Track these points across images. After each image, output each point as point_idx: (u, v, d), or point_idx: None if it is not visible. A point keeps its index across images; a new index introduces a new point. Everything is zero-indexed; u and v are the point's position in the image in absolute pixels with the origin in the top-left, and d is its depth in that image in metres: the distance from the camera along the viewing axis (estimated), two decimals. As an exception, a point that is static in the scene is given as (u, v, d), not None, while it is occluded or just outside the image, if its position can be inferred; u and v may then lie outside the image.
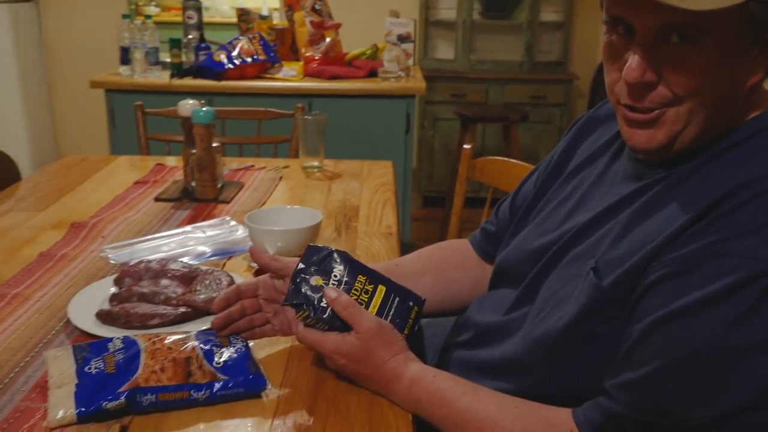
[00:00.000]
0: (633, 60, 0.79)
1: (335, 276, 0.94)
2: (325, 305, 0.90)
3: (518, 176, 1.70)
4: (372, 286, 0.95)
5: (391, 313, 0.94)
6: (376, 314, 0.93)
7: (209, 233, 1.46)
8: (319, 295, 0.91)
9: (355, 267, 0.96)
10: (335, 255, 0.96)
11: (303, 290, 0.91)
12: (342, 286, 0.93)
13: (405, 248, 3.08)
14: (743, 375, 0.70)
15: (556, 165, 1.10)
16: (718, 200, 0.74)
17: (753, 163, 0.77)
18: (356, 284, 0.94)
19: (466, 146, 1.85)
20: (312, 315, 0.90)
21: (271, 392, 0.90)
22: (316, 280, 0.93)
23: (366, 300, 0.93)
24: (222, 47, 2.84)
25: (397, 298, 0.96)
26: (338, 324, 0.90)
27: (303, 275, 0.93)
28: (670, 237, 0.77)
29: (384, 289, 0.96)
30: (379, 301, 0.94)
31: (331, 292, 0.90)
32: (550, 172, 1.10)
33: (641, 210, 0.84)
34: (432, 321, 1.36)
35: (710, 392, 0.72)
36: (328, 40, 2.98)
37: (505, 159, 1.78)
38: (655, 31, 0.77)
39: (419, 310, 0.98)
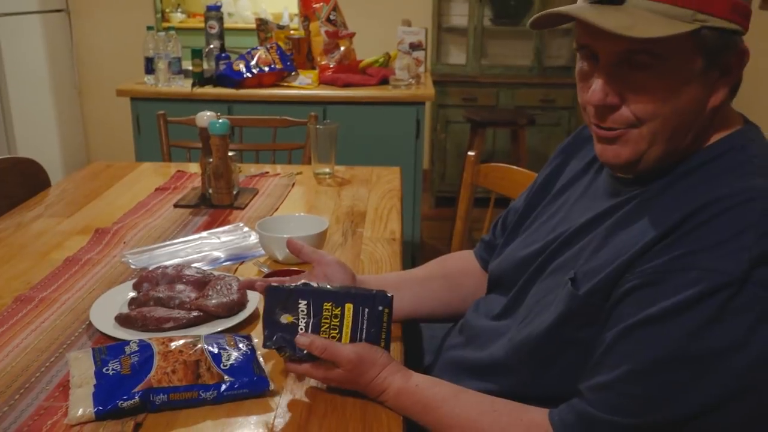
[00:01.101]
0: (596, 84, 0.87)
1: (302, 310, 0.98)
2: None
3: (519, 181, 1.78)
4: (339, 309, 0.99)
5: (364, 326, 0.98)
6: (351, 332, 0.97)
7: (223, 239, 1.54)
8: (294, 334, 0.97)
9: (318, 296, 0.99)
10: (296, 291, 0.99)
11: (278, 333, 0.97)
12: (312, 318, 0.97)
13: (416, 247, 3.17)
14: (704, 380, 0.76)
15: (545, 181, 1.16)
16: (685, 217, 0.80)
17: (719, 182, 0.83)
18: (324, 312, 0.98)
19: (470, 153, 1.91)
20: (294, 354, 0.96)
21: (274, 393, 0.97)
22: (286, 318, 0.98)
23: (338, 324, 0.98)
24: (241, 57, 2.93)
25: (366, 309, 0.99)
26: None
27: (272, 317, 0.98)
28: (642, 250, 0.83)
29: (351, 306, 0.99)
30: (350, 319, 0.98)
31: (303, 339, 0.95)
32: (539, 188, 1.16)
33: (617, 224, 0.90)
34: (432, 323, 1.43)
35: (674, 395, 0.77)
36: (342, 49, 3.05)
37: (507, 165, 1.85)
38: (615, 57, 0.85)
39: (389, 310, 1.00)
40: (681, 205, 0.82)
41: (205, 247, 1.50)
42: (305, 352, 0.96)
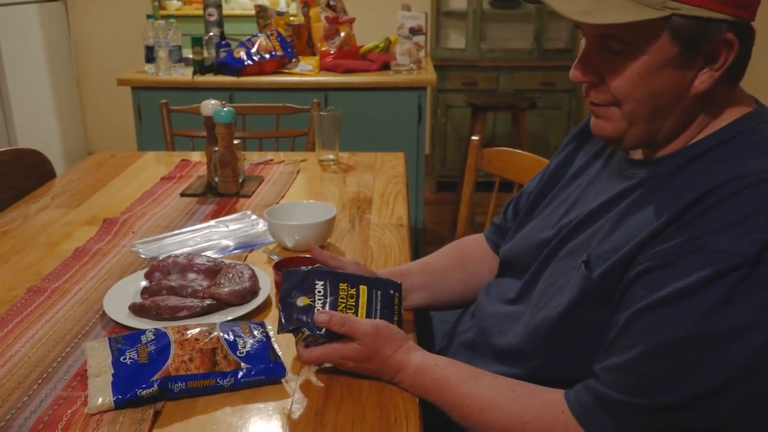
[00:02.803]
0: (576, 62, 0.91)
1: (319, 291, 1.00)
2: None
3: (523, 166, 1.78)
4: (354, 289, 1.02)
5: (378, 307, 1.02)
6: (366, 311, 1.00)
7: (232, 227, 1.55)
8: (310, 314, 0.97)
9: (334, 278, 1.02)
10: (312, 272, 1.02)
11: (294, 315, 0.97)
12: (328, 298, 0.99)
13: (419, 232, 3.17)
14: (716, 360, 0.77)
15: (559, 166, 1.16)
16: (696, 199, 0.81)
17: (730, 165, 0.83)
18: (340, 293, 1.01)
19: (474, 138, 1.91)
20: (311, 334, 0.96)
21: (290, 378, 0.98)
22: (302, 300, 0.98)
23: (354, 304, 1.00)
24: (241, 44, 2.92)
25: (379, 292, 1.03)
26: (336, 335, 0.96)
27: (288, 300, 0.99)
28: (654, 233, 0.83)
29: (365, 288, 1.03)
30: (365, 300, 1.01)
31: (322, 316, 0.96)
32: (553, 173, 1.17)
33: (629, 207, 0.91)
34: (441, 308, 1.44)
35: (687, 375, 0.78)
36: (342, 34, 3.04)
37: (511, 150, 1.86)
38: (593, 39, 0.88)
39: (399, 294, 1.06)
40: (692, 188, 0.82)
41: (213, 236, 1.50)
42: (322, 331, 0.96)
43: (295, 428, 0.88)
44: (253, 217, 1.60)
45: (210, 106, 1.76)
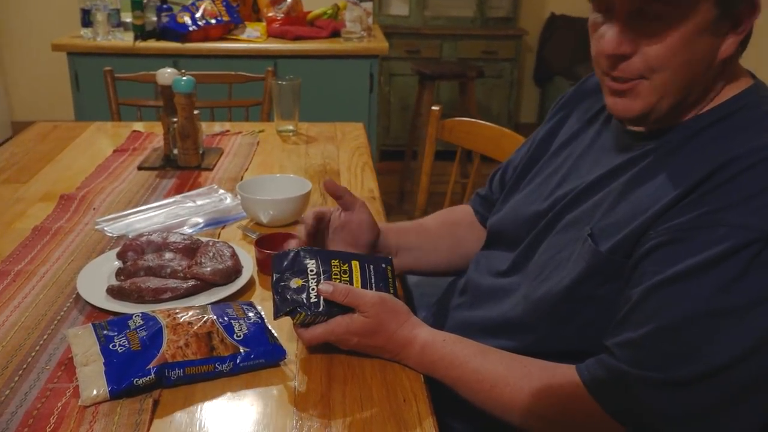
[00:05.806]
0: (611, 32, 0.86)
1: (312, 271, 0.96)
2: (316, 299, 0.93)
3: (485, 136, 1.78)
4: (346, 264, 0.99)
5: (373, 280, 0.99)
6: (361, 286, 0.97)
7: (199, 202, 1.49)
8: (305, 293, 0.94)
9: (324, 255, 0.99)
10: (302, 253, 0.98)
11: (288, 296, 0.94)
12: (322, 276, 0.96)
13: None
14: (732, 334, 0.77)
15: (546, 136, 1.15)
16: (710, 173, 0.80)
17: (739, 139, 0.83)
18: (333, 269, 0.97)
19: (434, 108, 1.89)
20: (309, 313, 0.93)
21: (290, 361, 0.94)
22: (295, 282, 0.95)
23: (348, 279, 0.97)
24: (185, 8, 2.80)
25: (371, 266, 1.01)
26: (336, 311, 0.93)
27: (281, 283, 0.95)
28: (666, 207, 0.83)
29: (357, 263, 1.00)
30: (359, 274, 0.98)
31: (325, 287, 0.93)
32: (540, 143, 1.15)
33: (634, 180, 0.90)
34: (420, 280, 1.43)
35: (702, 349, 0.78)
36: (289, 0, 2.96)
37: (474, 120, 1.85)
38: (630, 6, 0.84)
39: (391, 268, 1.04)
40: (702, 162, 0.82)
41: (181, 212, 1.44)
42: (321, 309, 0.93)
43: (303, 411, 0.85)
44: (221, 191, 1.55)
45: (167, 74, 1.68)
